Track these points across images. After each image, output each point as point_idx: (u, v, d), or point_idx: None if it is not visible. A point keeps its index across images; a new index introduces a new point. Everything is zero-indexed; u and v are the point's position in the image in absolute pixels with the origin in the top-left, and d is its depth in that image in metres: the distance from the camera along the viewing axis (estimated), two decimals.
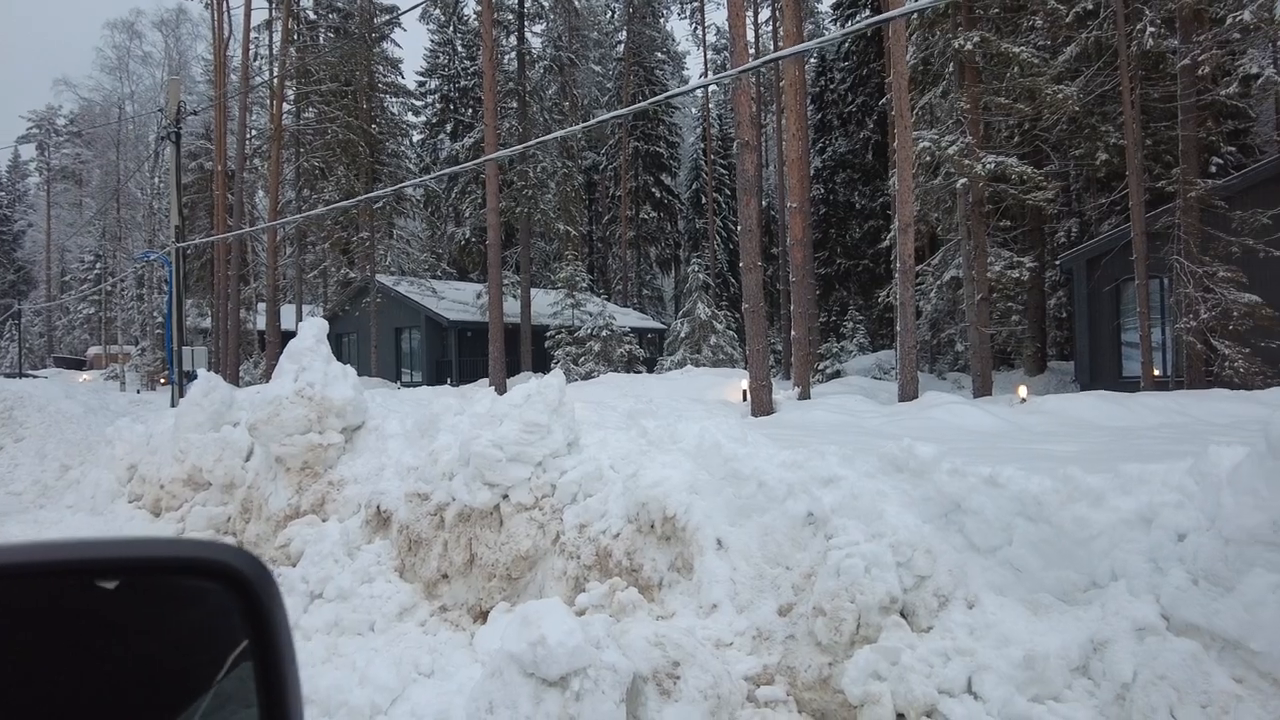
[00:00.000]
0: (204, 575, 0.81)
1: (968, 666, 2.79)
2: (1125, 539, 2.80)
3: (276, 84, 27.25)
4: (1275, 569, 2.35)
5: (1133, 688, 2.48)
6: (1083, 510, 2.90)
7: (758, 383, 11.57)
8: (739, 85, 11.41)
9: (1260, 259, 15.18)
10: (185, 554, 0.85)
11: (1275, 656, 2.33)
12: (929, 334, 26.32)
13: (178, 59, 40.11)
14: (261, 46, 33.40)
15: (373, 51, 28.89)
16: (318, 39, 31.89)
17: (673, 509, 3.88)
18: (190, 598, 0.83)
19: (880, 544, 3.19)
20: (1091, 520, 2.87)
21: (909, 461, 3.41)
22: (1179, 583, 2.57)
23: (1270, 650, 2.34)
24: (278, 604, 0.82)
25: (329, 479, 5.83)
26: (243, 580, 0.80)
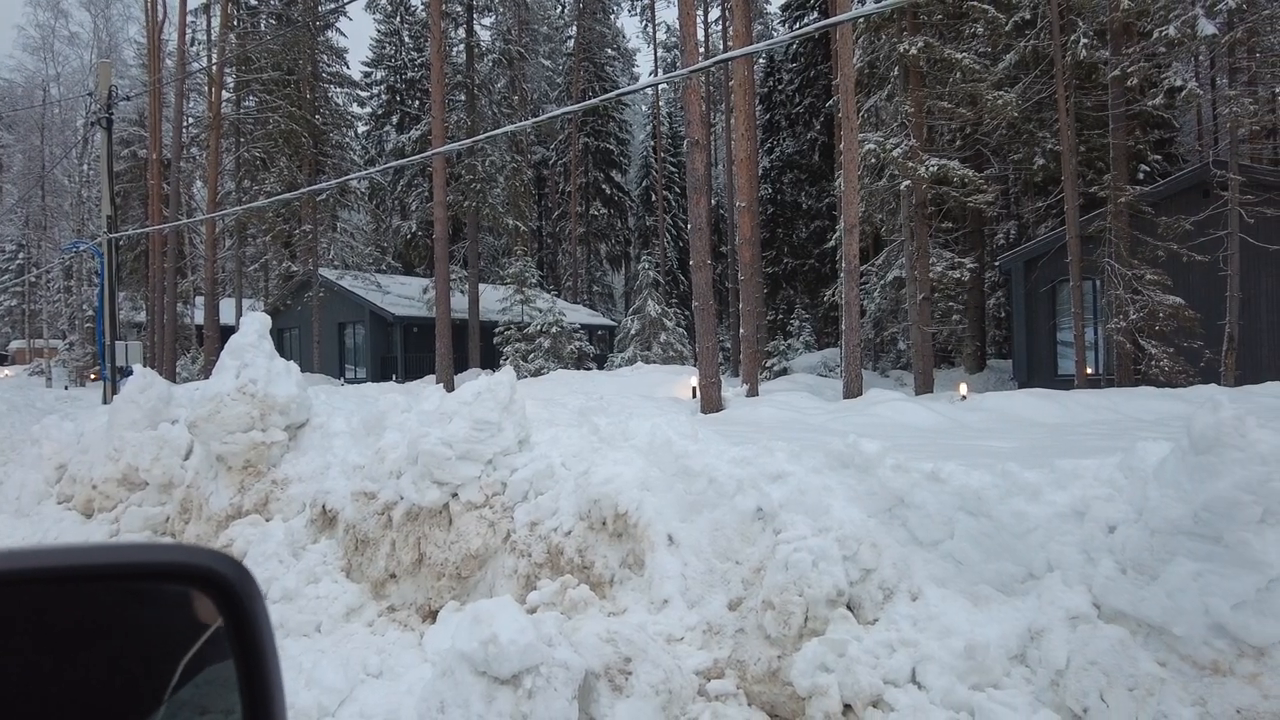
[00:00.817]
0: (186, 580, 0.80)
1: (912, 657, 2.88)
2: (1060, 532, 2.92)
3: (215, 71, 26.39)
4: (1196, 558, 2.48)
5: (1066, 674, 2.59)
6: (1020, 504, 3.02)
7: (707, 380, 11.68)
8: (689, 85, 11.48)
9: (1185, 263, 15.90)
10: (166, 559, 0.84)
11: (1195, 640, 2.46)
12: (873, 332, 26.89)
13: (108, 41, 38.57)
14: (199, 31, 32.32)
15: (316, 40, 28.20)
16: (259, 25, 31.01)
17: (624, 506, 3.90)
18: (141, 600, 0.81)
19: (827, 538, 3.26)
20: (1028, 514, 2.99)
21: (854, 457, 3.49)
22: (1109, 572, 2.69)
23: (1190, 634, 2.47)
24: (261, 608, 0.81)
25: (272, 478, 5.70)
26: (226, 585, 0.79)
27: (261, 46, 26.52)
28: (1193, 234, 15.88)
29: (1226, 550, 2.42)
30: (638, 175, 46.54)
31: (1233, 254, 15.57)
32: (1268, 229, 15.54)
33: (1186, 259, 15.57)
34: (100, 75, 15.29)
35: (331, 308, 29.42)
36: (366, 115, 41.45)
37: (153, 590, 0.81)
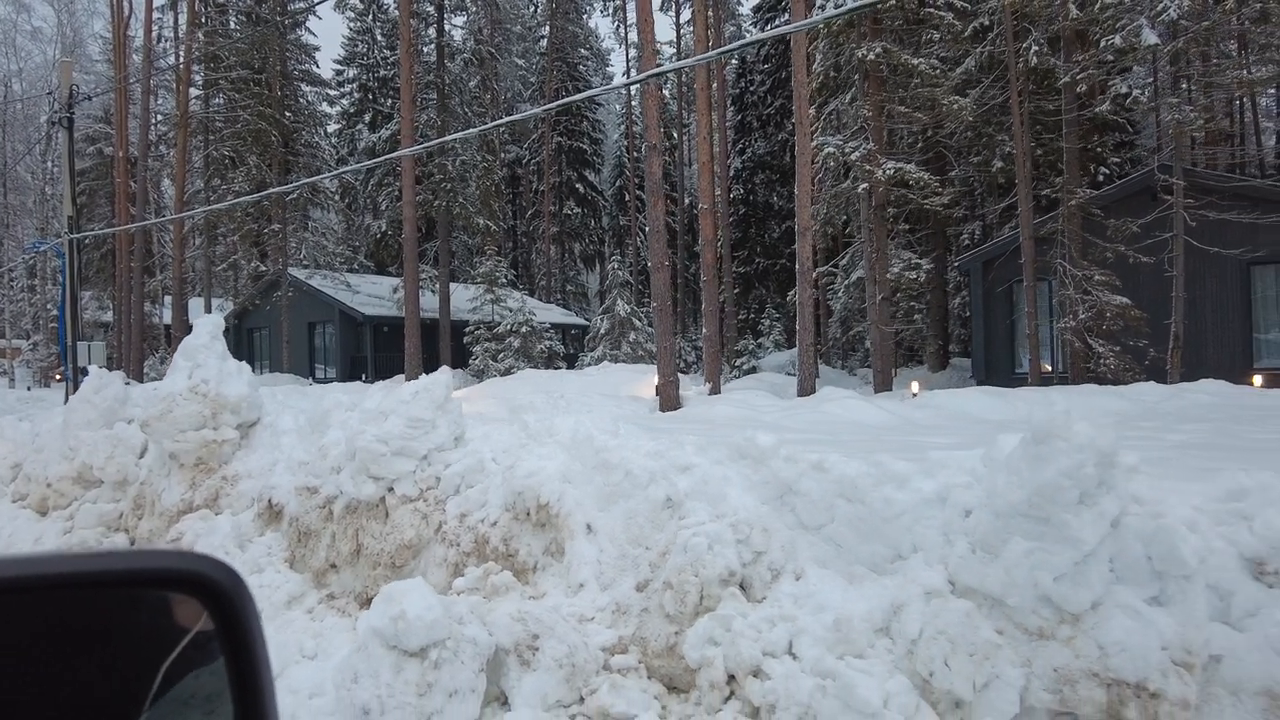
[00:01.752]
0: (177, 586, 0.80)
1: (789, 631, 3.17)
2: (924, 516, 3.23)
3: (183, 69, 26.29)
4: (1029, 537, 2.80)
5: (919, 643, 2.90)
6: (890, 492, 3.32)
7: (665, 379, 11.97)
8: (647, 90, 11.75)
9: (1136, 264, 16.42)
10: (157, 565, 0.84)
11: (1025, 610, 2.78)
12: (840, 332, 27.36)
13: (72, 36, 38.17)
14: (166, 28, 32.14)
15: (286, 39, 28.15)
16: (228, 23, 30.87)
17: (546, 497, 4.17)
18: (123, 607, 0.80)
19: (722, 524, 3.55)
20: (897, 500, 3.29)
21: (751, 450, 3.79)
22: (962, 552, 3.00)
23: (1022, 604, 2.78)
24: (252, 612, 0.81)
25: (223, 474, 5.91)
26: (217, 589, 0.79)
27: (229, 45, 26.44)
28: (1141, 236, 16.41)
29: (1052, 529, 2.74)
30: (611, 175, 46.77)
31: (1178, 256, 16.11)
32: (1212, 232, 16.10)
33: (1133, 261, 16.09)
34: (62, 74, 15.28)
35: (301, 307, 29.39)
36: (339, 114, 41.35)
37: (133, 597, 0.80)
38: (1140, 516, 2.73)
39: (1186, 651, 2.50)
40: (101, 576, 0.78)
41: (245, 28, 28.38)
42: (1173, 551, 2.62)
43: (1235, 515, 2.74)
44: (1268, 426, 9.04)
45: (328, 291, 28.66)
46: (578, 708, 3.30)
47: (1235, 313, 17.36)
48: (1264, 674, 2.40)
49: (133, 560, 0.87)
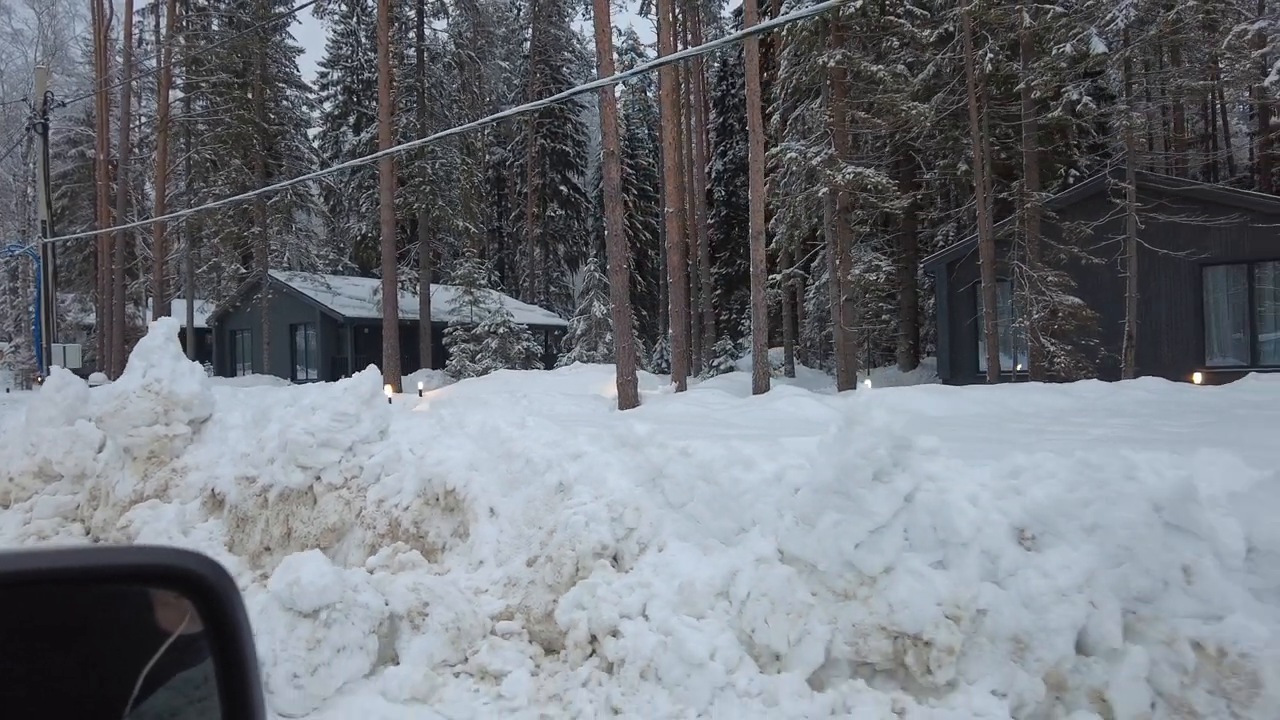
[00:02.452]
0: (164, 582, 0.80)
1: (644, 596, 3.60)
2: (764, 494, 3.66)
3: (163, 73, 26.61)
4: (837, 510, 3.23)
5: (746, 603, 3.33)
6: (738, 473, 3.76)
7: (624, 378, 12.40)
8: (604, 98, 12.17)
9: (1093, 265, 16.92)
10: (144, 561, 0.84)
11: (834, 574, 3.21)
12: (814, 332, 27.85)
13: (53, 39, 38.39)
14: (147, 31, 32.43)
15: (267, 43, 28.47)
16: (209, 26, 31.17)
17: (453, 484, 4.60)
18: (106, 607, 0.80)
19: (599, 504, 3.98)
20: (743, 480, 3.73)
21: (630, 438, 4.22)
22: (789, 524, 3.44)
23: (831, 569, 3.21)
24: (240, 609, 0.82)
25: (173, 466, 6.31)
26: (204, 585, 0.80)
27: (210, 49, 26.75)
28: (1096, 239, 16.93)
29: (852, 504, 3.17)
30: (595, 177, 47.14)
31: (1130, 257, 16.64)
32: (1165, 234, 16.62)
33: (1086, 262, 16.61)
34: (37, 81, 15.60)
35: (283, 309, 29.71)
36: (322, 116, 41.67)
37: (116, 597, 0.80)
38: (930, 492, 3.16)
39: (957, 606, 2.94)
40: (91, 572, 0.79)
41: (226, 32, 28.66)
42: (951, 522, 3.06)
43: (1010, 490, 3.17)
44: (1186, 421, 9.53)
45: (308, 293, 29.01)
46: (461, 666, 3.73)
47: (1188, 312, 17.90)
48: (1014, 623, 2.84)
49: (122, 556, 0.87)
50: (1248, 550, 2.56)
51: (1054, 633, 2.74)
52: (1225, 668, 2.44)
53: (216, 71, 27.86)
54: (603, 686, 3.40)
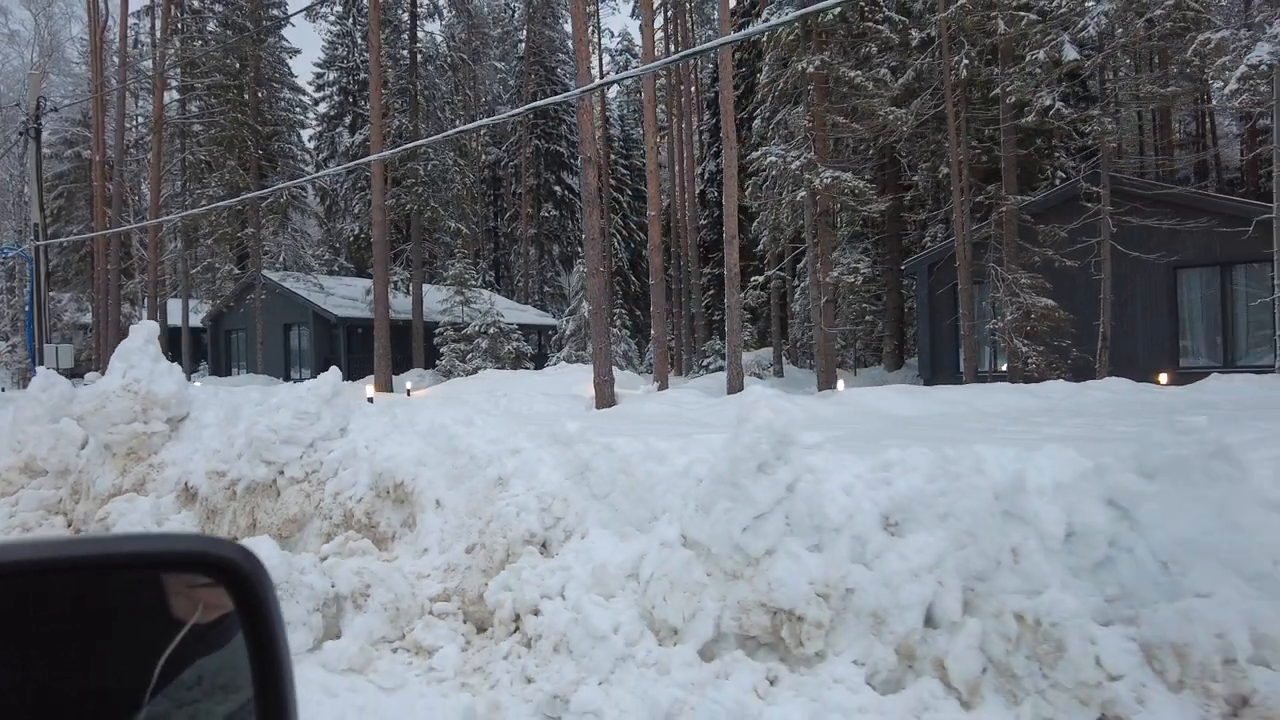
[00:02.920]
0: (199, 569, 0.82)
1: (564, 578, 3.96)
2: (674, 485, 4.02)
3: (157, 76, 26.96)
4: (728, 499, 3.59)
5: (649, 583, 3.69)
6: (652, 466, 4.12)
7: (600, 378, 12.77)
8: (582, 106, 12.53)
9: (1071, 268, 17.25)
10: (180, 549, 0.86)
11: (725, 556, 3.57)
12: (803, 332, 28.17)
13: (50, 40, 38.78)
14: (143, 33, 32.77)
15: (260, 46, 28.82)
16: (204, 28, 31.52)
17: (401, 477, 4.96)
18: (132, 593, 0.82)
19: (530, 495, 4.35)
20: (656, 472, 4.09)
21: (561, 435, 4.58)
22: (691, 512, 3.80)
23: (722, 552, 3.57)
24: (272, 596, 0.83)
25: (150, 462, 6.68)
26: (239, 573, 0.81)
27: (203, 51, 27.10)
28: (1071, 241, 17.28)
29: (740, 493, 3.53)
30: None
31: (1105, 260, 16.99)
32: (1140, 237, 16.96)
33: (1059, 265, 16.96)
34: (31, 85, 15.95)
35: (277, 309, 30.07)
36: (319, 117, 42.00)
37: (131, 586, 0.81)
38: (809, 483, 3.52)
39: (827, 585, 3.30)
40: (126, 559, 0.80)
41: (220, 34, 29.01)
42: (825, 510, 3.42)
43: (881, 481, 3.53)
44: (1136, 420, 9.87)
45: (302, 294, 29.37)
46: (398, 642, 4.09)
47: (1163, 314, 18.24)
48: (875, 600, 3.20)
49: (157, 544, 0.88)
50: (1066, 534, 2.91)
51: (906, 608, 3.10)
52: (1039, 635, 2.80)
53: (211, 74, 28.22)
54: (520, 659, 3.76)
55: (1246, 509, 2.60)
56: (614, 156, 45.43)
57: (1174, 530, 2.68)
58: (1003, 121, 18.05)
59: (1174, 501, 2.72)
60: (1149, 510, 2.76)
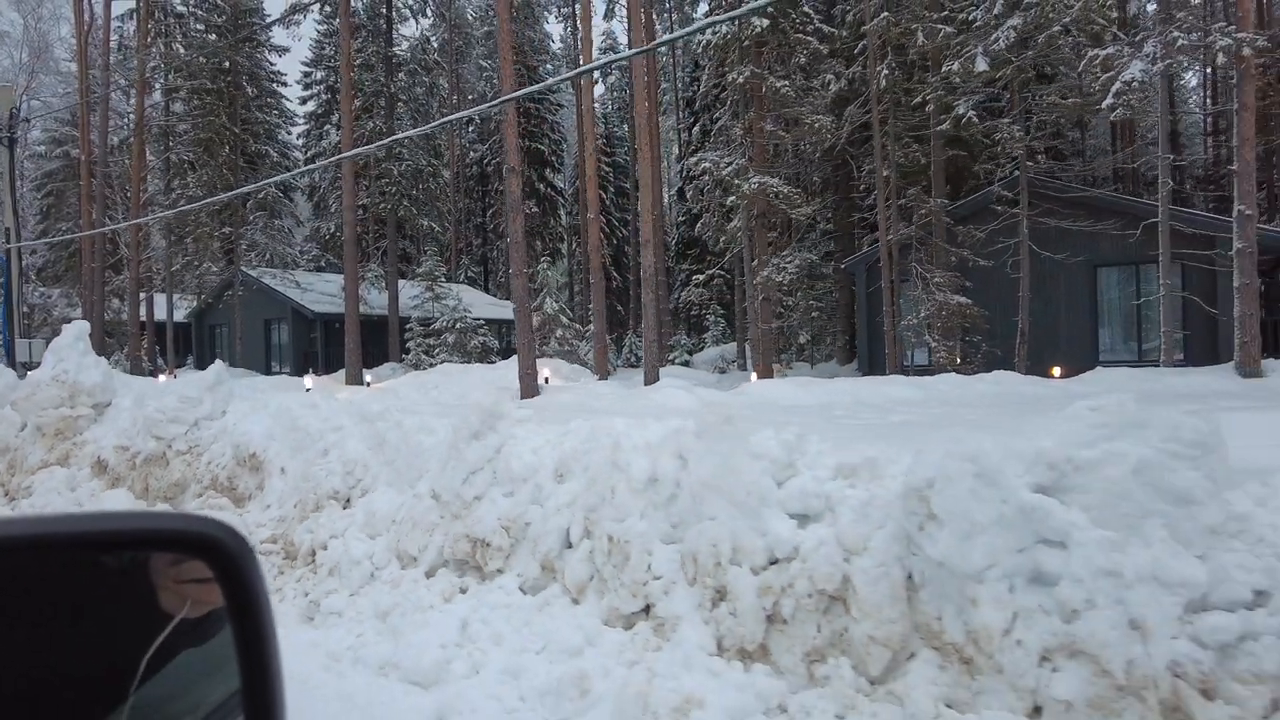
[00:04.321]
0: (185, 548, 0.82)
1: (347, 523, 5.22)
2: (435, 453, 5.26)
3: (139, 82, 28.28)
4: (454, 460, 4.83)
5: (398, 524, 4.94)
6: (423, 437, 5.36)
7: (524, 369, 14.01)
8: (506, 119, 13.75)
9: (998, 268, 18.39)
10: (166, 527, 0.86)
11: (450, 501, 4.81)
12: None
13: (39, 41, 40.18)
14: (127, 36, 34.05)
15: (238, 51, 30.10)
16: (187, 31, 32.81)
17: (255, 449, 6.22)
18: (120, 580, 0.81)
19: (338, 462, 5.61)
20: (424, 442, 5.33)
21: (368, 414, 5.83)
22: (436, 471, 5.04)
23: (449, 498, 4.81)
24: (258, 575, 0.83)
25: (74, 441, 7.97)
26: (225, 552, 0.81)
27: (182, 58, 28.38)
28: (991, 242, 18.43)
29: (459, 454, 4.77)
30: (571, 175, 48.69)
31: (1023, 259, 18.13)
32: (1061, 238, 18.08)
33: (986, 265, 18.11)
34: (2, 97, 17.26)
35: (257, 305, 31.42)
36: (306, 115, 43.31)
37: (121, 577, 0.81)
38: (510, 446, 4.77)
39: (510, 521, 4.54)
40: (111, 537, 0.80)
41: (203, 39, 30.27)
42: (511, 466, 4.67)
43: (557, 444, 4.76)
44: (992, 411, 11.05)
45: (280, 290, 30.70)
46: None
47: (1084, 311, 19.37)
48: (539, 530, 4.43)
49: (142, 522, 0.89)
50: (649, 479, 4.13)
51: (552, 534, 4.34)
52: (620, 550, 4.03)
53: (191, 78, 29.51)
54: (307, 581, 5.03)
55: (741, 458, 3.81)
56: (596, 155, 46.61)
57: (702, 474, 3.91)
58: (931, 128, 19.19)
59: (706, 454, 3.94)
60: (694, 461, 3.99)
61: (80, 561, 0.78)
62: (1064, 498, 3.10)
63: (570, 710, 3.38)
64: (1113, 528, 2.94)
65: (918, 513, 3.23)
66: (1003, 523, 3.06)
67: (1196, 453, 2.96)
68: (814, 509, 3.67)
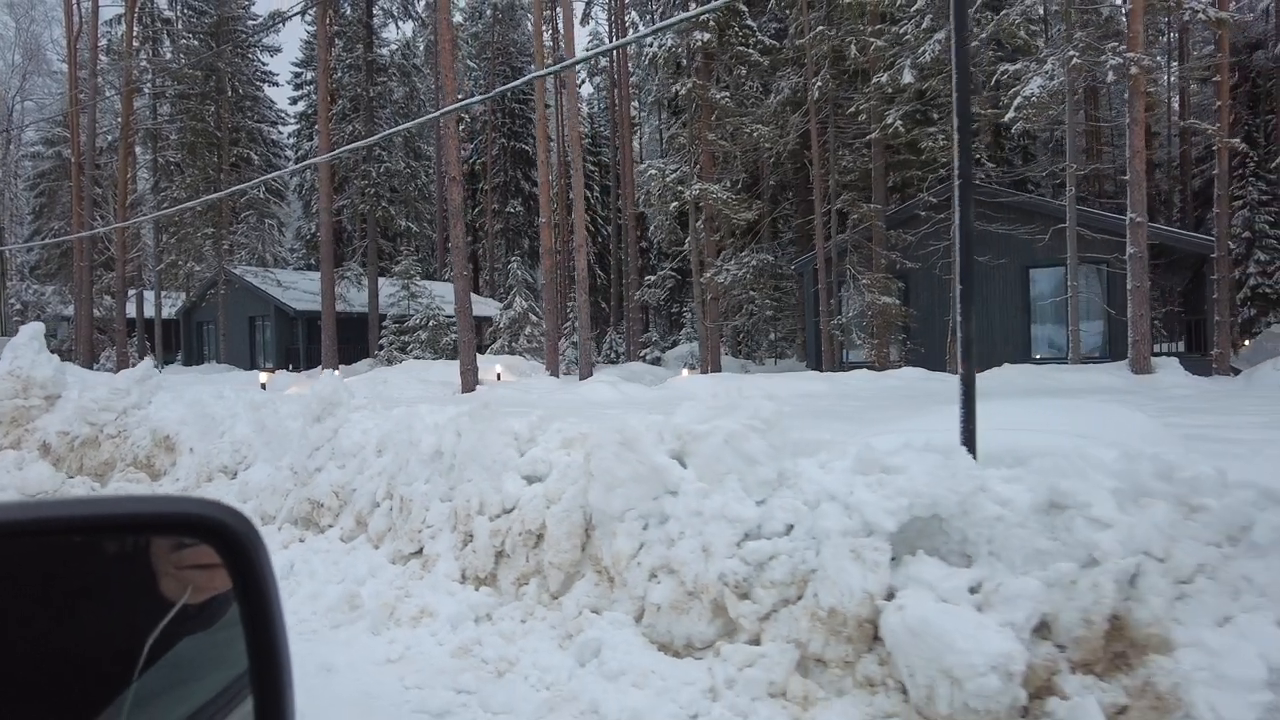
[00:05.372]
0: (191, 531, 0.83)
1: (228, 490, 6.47)
2: (298, 433, 6.50)
3: (125, 87, 29.59)
4: (302, 439, 6.06)
5: (266, 491, 6.19)
6: (290, 422, 6.60)
7: (465, 367, 15.26)
8: (446, 130, 14.96)
9: (929, 270, 19.53)
10: (172, 510, 0.87)
11: (301, 471, 6.05)
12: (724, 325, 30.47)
13: (31, 43, 41.60)
14: (116, 41, 35.40)
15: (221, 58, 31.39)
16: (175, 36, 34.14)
17: (167, 432, 7.48)
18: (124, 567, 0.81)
19: (229, 444, 6.86)
20: (291, 426, 6.57)
21: (254, 403, 7.08)
22: (295, 449, 6.28)
23: (300, 470, 6.06)
24: (264, 557, 0.84)
25: (27, 427, 9.24)
26: (231, 535, 0.83)
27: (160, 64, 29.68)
28: (926, 245, 19.59)
29: (305, 435, 6.01)
30: (556, 175, 49.87)
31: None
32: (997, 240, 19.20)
33: (914, 267, 19.27)
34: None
35: (243, 303, 32.78)
36: (296, 116, 44.67)
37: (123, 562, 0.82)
38: (347, 428, 6.00)
39: (340, 487, 5.77)
40: (117, 520, 0.80)
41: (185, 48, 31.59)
42: (343, 444, 5.90)
43: (379, 425, 5.98)
44: (871, 404, 12.24)
45: (264, 288, 32.06)
46: None
47: (1018, 310, 20.51)
48: (361, 494, 5.66)
49: (148, 505, 0.90)
50: (434, 453, 5.35)
51: (366, 495, 5.58)
52: (405, 506, 5.25)
53: (175, 83, 30.83)
54: None
55: (492, 435, 5.03)
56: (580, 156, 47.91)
57: (465, 447, 5.13)
58: (869, 136, 20.33)
59: (470, 432, 5.16)
60: (464, 437, 5.21)
61: (82, 547, 0.77)
62: (685, 460, 4.31)
63: (342, 619, 4.62)
64: (707, 481, 4.15)
65: (590, 472, 4.45)
66: (638, 478, 4.27)
67: (765, 428, 4.16)
68: (540, 471, 4.89)
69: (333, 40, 35.47)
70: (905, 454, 4.09)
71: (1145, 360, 15.09)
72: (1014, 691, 2.98)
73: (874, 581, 3.50)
